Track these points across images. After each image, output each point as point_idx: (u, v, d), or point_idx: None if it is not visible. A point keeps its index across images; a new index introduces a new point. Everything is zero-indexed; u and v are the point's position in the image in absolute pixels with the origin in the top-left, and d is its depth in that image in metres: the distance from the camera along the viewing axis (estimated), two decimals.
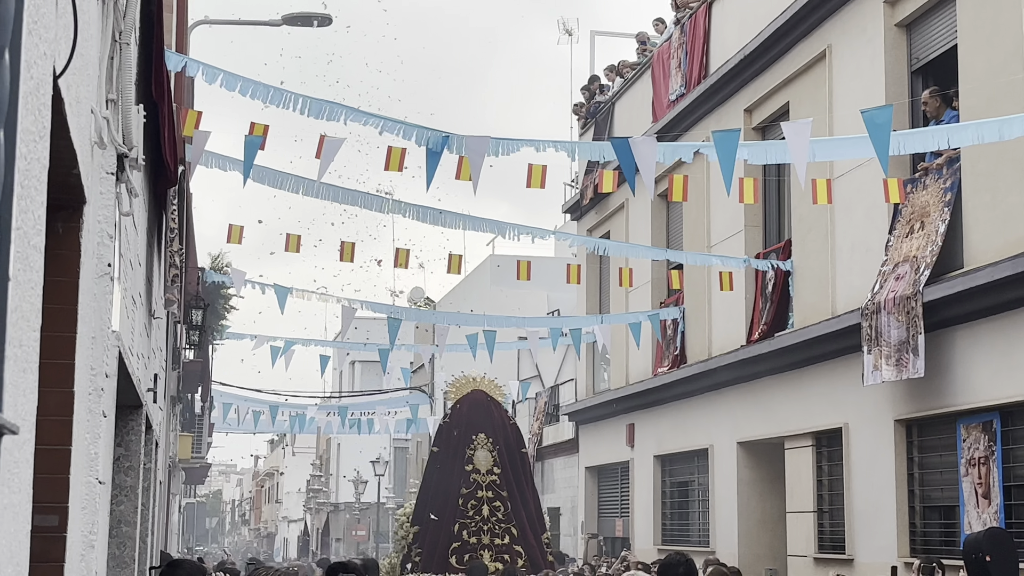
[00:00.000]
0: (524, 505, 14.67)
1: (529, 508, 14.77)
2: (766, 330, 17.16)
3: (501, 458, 14.65)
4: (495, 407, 15.17)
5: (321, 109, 11.26)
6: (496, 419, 14.99)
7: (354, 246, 15.32)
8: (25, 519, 3.16)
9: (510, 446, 14.93)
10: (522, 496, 14.70)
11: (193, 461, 33.85)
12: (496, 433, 14.80)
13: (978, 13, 12.78)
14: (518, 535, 14.33)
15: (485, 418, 14.87)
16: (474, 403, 15.02)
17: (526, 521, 14.55)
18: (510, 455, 14.84)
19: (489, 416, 14.92)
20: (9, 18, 1.61)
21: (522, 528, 14.42)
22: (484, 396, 15.15)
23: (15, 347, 2.61)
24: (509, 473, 14.65)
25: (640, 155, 11.03)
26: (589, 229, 25.04)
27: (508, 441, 14.94)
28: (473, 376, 15.62)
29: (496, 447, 14.68)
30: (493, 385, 15.50)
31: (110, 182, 5.16)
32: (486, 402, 15.09)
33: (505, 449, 14.77)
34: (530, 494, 15.01)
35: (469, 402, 15.04)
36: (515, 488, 14.64)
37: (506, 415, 15.57)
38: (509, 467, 14.70)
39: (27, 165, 2.74)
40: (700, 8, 19.87)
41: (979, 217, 12.56)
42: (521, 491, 14.73)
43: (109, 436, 6.31)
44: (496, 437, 14.75)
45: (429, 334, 37.65)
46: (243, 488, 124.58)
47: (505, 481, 14.55)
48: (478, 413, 14.91)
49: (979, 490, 12.23)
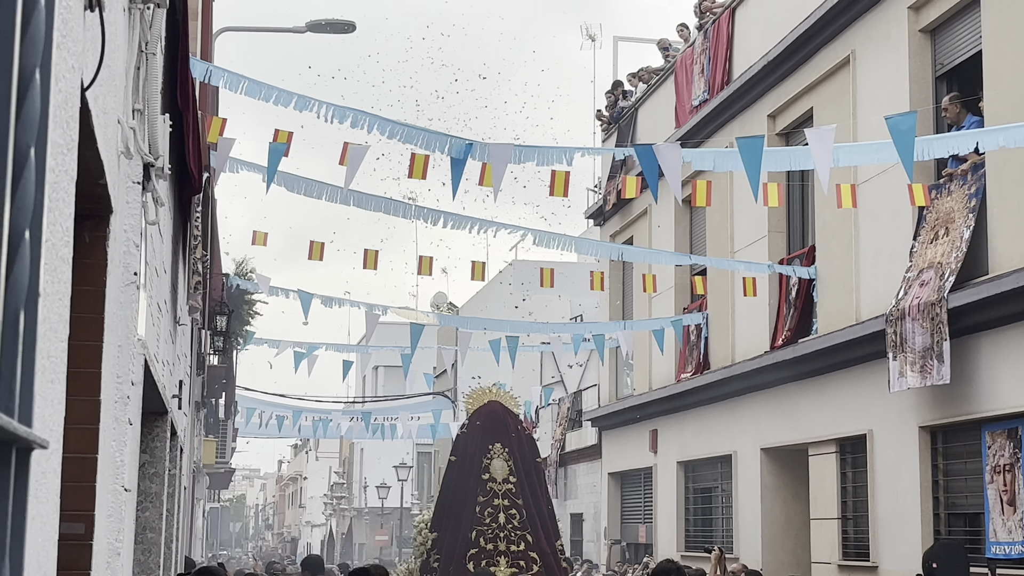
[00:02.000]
0: (539, 513, 15.24)
1: (543, 515, 15.33)
2: (790, 336, 17.12)
3: (516, 467, 15.20)
4: (510, 418, 15.75)
5: (345, 116, 11.30)
6: (511, 430, 15.55)
7: (377, 253, 15.36)
8: (52, 528, 3.18)
9: (525, 456, 15.50)
10: (537, 504, 15.24)
11: (217, 466, 33.98)
12: (511, 443, 15.37)
13: (1003, 19, 12.72)
14: (533, 542, 14.88)
15: (501, 429, 15.44)
16: (490, 414, 15.57)
17: (540, 528, 15.09)
18: (525, 464, 15.40)
19: (505, 427, 15.49)
20: (40, 37, 1.63)
21: (537, 535, 14.97)
22: (500, 407, 15.76)
23: (44, 359, 2.63)
24: (524, 482, 15.19)
25: (665, 161, 11.03)
26: (612, 234, 25.01)
27: (523, 451, 15.52)
28: (489, 387, 16.25)
29: (512, 457, 15.22)
30: (508, 397, 16.11)
31: (136, 191, 5.19)
32: (502, 413, 15.67)
33: (520, 459, 15.34)
34: (544, 502, 15.56)
35: (485, 413, 15.59)
36: (530, 496, 15.18)
37: (521, 426, 16.14)
38: (524, 476, 15.26)
39: (55, 178, 2.77)
40: (723, 14, 19.85)
41: (1004, 223, 12.50)
42: (536, 499, 15.27)
43: (135, 443, 6.35)
44: (511, 447, 15.33)
45: (452, 340, 37.73)
46: (266, 493, 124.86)
47: (520, 490, 15.10)
48: (494, 424, 15.46)
49: (1004, 497, 12.17)
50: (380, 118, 11.41)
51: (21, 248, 1.54)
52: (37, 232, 1.60)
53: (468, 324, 21.12)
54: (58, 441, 3.13)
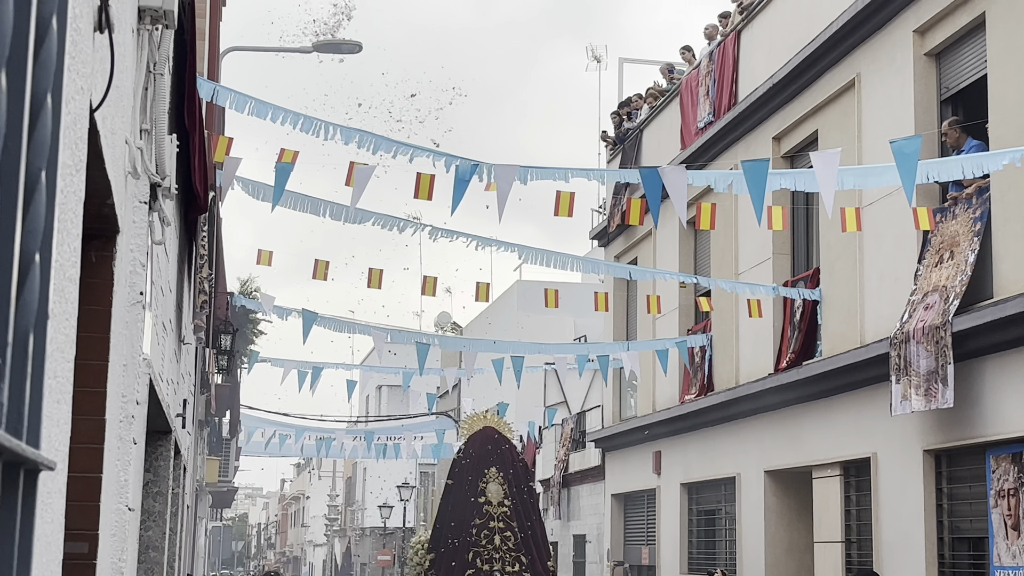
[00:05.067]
0: (532, 535, 15.64)
1: (537, 537, 15.74)
2: (794, 358, 17.10)
3: (511, 491, 15.55)
4: (505, 443, 16.06)
5: (351, 137, 11.32)
6: (506, 455, 15.89)
7: (382, 272, 15.38)
8: (57, 548, 3.18)
9: (519, 480, 15.84)
10: (530, 526, 15.58)
11: (220, 485, 33.95)
12: (506, 468, 15.72)
13: (1008, 43, 12.75)
14: (527, 563, 15.27)
15: (496, 454, 15.78)
16: (485, 439, 15.92)
17: (535, 550, 15.44)
18: (519, 488, 15.75)
19: (500, 452, 15.83)
20: (52, 60, 1.64)
21: (531, 556, 15.34)
22: (495, 432, 16.05)
23: (51, 379, 2.64)
24: (518, 505, 15.54)
25: (670, 184, 11.04)
26: (616, 255, 25.03)
27: (517, 475, 15.87)
28: (483, 413, 16.66)
29: (506, 481, 15.55)
30: (502, 423, 16.46)
31: (143, 211, 5.20)
32: (497, 438, 15.97)
33: (515, 483, 15.69)
34: (537, 524, 15.96)
35: (481, 438, 15.93)
36: (524, 519, 15.54)
37: (515, 451, 16.52)
38: (518, 499, 15.62)
39: (64, 198, 2.78)
40: (729, 36, 19.89)
41: (1009, 247, 12.50)
42: (530, 522, 15.65)
43: (139, 463, 6.35)
44: (506, 472, 15.69)
45: (455, 360, 37.70)
46: (269, 512, 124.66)
47: (515, 512, 15.43)
48: (489, 449, 15.81)
49: (1008, 522, 12.13)
50: (385, 139, 11.43)
51: (31, 270, 1.55)
52: (47, 254, 1.61)
53: (472, 345, 21.10)
54: (64, 461, 3.13)
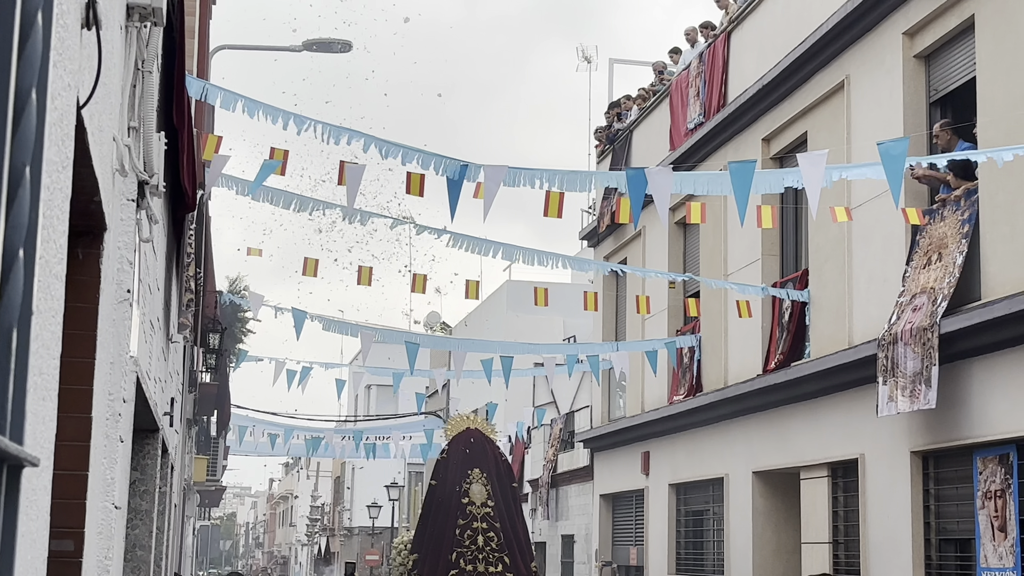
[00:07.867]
0: (515, 535, 15.73)
1: (520, 538, 15.85)
2: (782, 359, 17.13)
3: (494, 492, 15.68)
4: (488, 444, 16.21)
5: (341, 136, 11.31)
6: (489, 455, 16.01)
7: (371, 270, 15.37)
8: (42, 545, 3.18)
9: (502, 480, 15.97)
10: (513, 527, 15.75)
11: (208, 484, 33.90)
12: (490, 469, 15.85)
13: (997, 45, 12.78)
14: (510, 563, 15.42)
15: (479, 455, 15.94)
16: (469, 440, 16.03)
17: (517, 550, 15.57)
18: (502, 489, 15.88)
19: (483, 453, 15.98)
20: (37, 55, 1.64)
21: (514, 557, 15.48)
22: (478, 434, 16.21)
23: (36, 375, 2.63)
24: (501, 506, 15.67)
25: (655, 185, 11.05)
26: (606, 256, 25.05)
27: (500, 476, 16.01)
28: (467, 415, 16.81)
29: (490, 482, 15.68)
30: (485, 424, 16.63)
31: (130, 209, 5.19)
32: (480, 440, 16.10)
33: (498, 483, 15.81)
34: (520, 525, 16.12)
35: (464, 439, 16.03)
36: (507, 520, 15.69)
37: (498, 452, 16.65)
38: (501, 500, 15.74)
39: (50, 195, 2.77)
40: (719, 37, 19.92)
41: (997, 249, 12.53)
42: (512, 522, 15.78)
43: (126, 461, 6.34)
44: (490, 473, 15.81)
45: (444, 359, 37.69)
46: (257, 511, 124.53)
47: (498, 513, 15.57)
48: (472, 450, 15.97)
49: (995, 523, 12.16)
50: (375, 138, 11.42)
51: (15, 266, 1.55)
52: (31, 250, 1.60)
53: (461, 345, 21.09)
54: (49, 458, 3.12)
